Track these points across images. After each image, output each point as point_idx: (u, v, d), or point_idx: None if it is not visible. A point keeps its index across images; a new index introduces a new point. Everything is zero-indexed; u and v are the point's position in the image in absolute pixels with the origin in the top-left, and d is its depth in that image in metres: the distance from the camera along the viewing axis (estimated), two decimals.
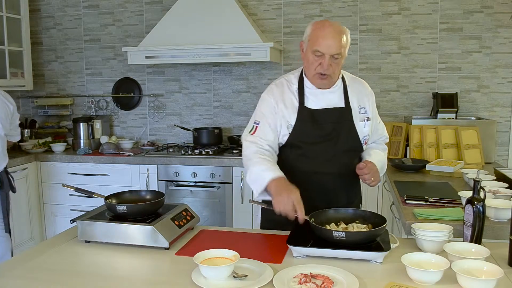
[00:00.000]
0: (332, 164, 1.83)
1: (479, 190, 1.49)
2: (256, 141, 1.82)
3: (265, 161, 1.75)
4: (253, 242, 1.69)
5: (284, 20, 3.76)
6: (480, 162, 3.07)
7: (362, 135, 1.87)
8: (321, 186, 1.83)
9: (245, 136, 1.88)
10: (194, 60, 3.50)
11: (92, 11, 4.14)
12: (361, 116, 1.88)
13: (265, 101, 1.87)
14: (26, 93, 4.28)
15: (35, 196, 3.69)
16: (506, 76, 3.47)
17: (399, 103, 3.65)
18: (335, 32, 1.74)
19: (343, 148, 1.84)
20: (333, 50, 1.73)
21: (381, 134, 2.04)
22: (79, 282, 1.34)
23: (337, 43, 1.73)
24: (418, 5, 3.53)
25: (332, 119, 1.83)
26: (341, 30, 1.76)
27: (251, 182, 1.77)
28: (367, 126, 1.88)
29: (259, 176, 1.72)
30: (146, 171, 3.49)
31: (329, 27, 1.75)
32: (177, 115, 4.08)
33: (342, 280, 1.27)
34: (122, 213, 1.65)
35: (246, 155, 1.83)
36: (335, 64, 1.77)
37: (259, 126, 1.85)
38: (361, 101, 1.90)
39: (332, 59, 1.75)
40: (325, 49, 1.73)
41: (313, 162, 1.82)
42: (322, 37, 1.74)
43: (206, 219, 3.41)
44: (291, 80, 1.89)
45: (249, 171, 1.77)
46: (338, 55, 1.75)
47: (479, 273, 1.25)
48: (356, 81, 1.95)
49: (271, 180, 1.67)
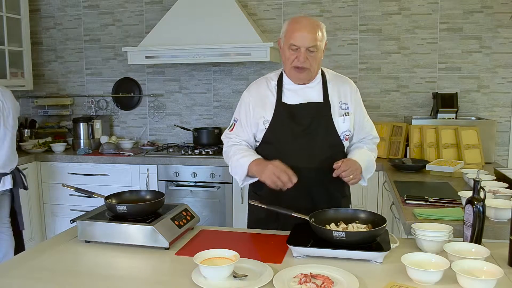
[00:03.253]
0: (310, 159, 1.82)
1: (479, 190, 1.49)
2: (233, 138, 1.94)
3: (241, 150, 1.87)
4: (253, 242, 1.69)
5: (284, 20, 3.75)
6: (480, 162, 3.07)
7: (341, 130, 1.86)
8: (300, 182, 1.80)
9: (224, 134, 2.00)
10: (194, 60, 3.50)
11: (92, 11, 4.14)
12: (341, 112, 1.87)
13: (243, 99, 1.96)
14: (26, 93, 4.28)
15: (35, 196, 3.69)
16: (506, 76, 3.47)
17: (399, 103, 3.65)
18: (310, 26, 1.77)
19: (321, 143, 1.83)
20: (308, 43, 1.76)
21: (368, 132, 2.00)
22: (79, 282, 1.34)
23: (312, 36, 1.75)
24: (418, 5, 3.53)
25: (309, 114, 1.84)
26: (316, 24, 1.79)
27: (233, 172, 1.89)
28: (346, 121, 1.87)
29: (238, 164, 1.83)
30: (146, 171, 3.49)
31: (303, 22, 1.79)
32: (177, 115, 4.09)
33: (342, 280, 1.27)
34: (122, 213, 1.65)
35: (224, 151, 1.96)
36: (312, 58, 1.79)
37: (236, 124, 1.95)
38: (343, 96, 1.90)
39: (308, 52, 1.77)
40: (300, 42, 1.76)
41: (290, 157, 1.82)
42: (297, 30, 1.77)
43: (206, 219, 3.41)
44: (271, 77, 1.94)
45: (229, 164, 1.89)
46: (313, 47, 1.77)
47: (479, 273, 1.25)
48: (339, 78, 1.96)
49: (250, 163, 1.78)
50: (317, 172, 1.82)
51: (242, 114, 1.93)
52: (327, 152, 1.84)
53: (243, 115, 1.93)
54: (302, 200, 1.81)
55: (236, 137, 1.93)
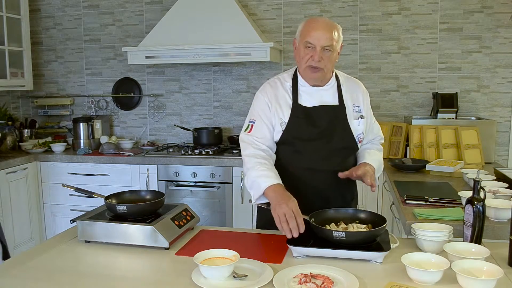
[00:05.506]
0: (325, 162, 1.82)
1: (479, 190, 1.49)
2: (253, 141, 1.82)
3: (261, 165, 1.73)
4: (253, 242, 1.69)
5: (284, 20, 3.76)
6: (480, 162, 3.07)
7: (356, 133, 1.86)
8: (315, 184, 1.82)
9: (242, 136, 1.88)
10: (194, 60, 3.50)
11: (92, 11, 4.14)
12: (355, 114, 1.87)
13: (259, 99, 1.89)
14: (26, 93, 4.28)
15: (35, 196, 3.69)
16: (506, 76, 3.47)
17: (399, 103, 3.65)
18: (326, 25, 1.75)
19: (337, 145, 1.83)
20: (324, 42, 1.73)
21: (377, 133, 2.03)
22: (79, 282, 1.34)
23: (328, 35, 1.73)
24: (418, 5, 3.53)
25: (326, 116, 1.83)
26: (333, 25, 1.77)
27: (248, 187, 1.77)
28: (361, 124, 1.88)
29: (255, 183, 1.71)
30: (146, 171, 3.49)
31: (320, 20, 1.78)
32: (177, 115, 4.08)
33: (342, 280, 1.27)
34: (122, 213, 1.65)
35: (243, 158, 1.83)
36: (327, 58, 1.76)
37: (255, 124, 1.86)
38: (355, 99, 1.90)
39: (323, 51, 1.75)
40: (316, 40, 1.74)
41: (306, 159, 1.82)
42: (313, 28, 1.75)
43: (206, 219, 3.41)
44: (285, 78, 1.91)
45: (246, 176, 1.77)
46: (329, 47, 1.74)
47: (479, 273, 1.25)
48: (351, 80, 1.96)
49: (267, 188, 1.66)
50: (332, 174, 1.81)
51: (260, 114, 1.85)
52: (342, 155, 1.85)
53: (262, 115, 1.85)
54: (317, 201, 1.78)
55: (256, 139, 1.82)
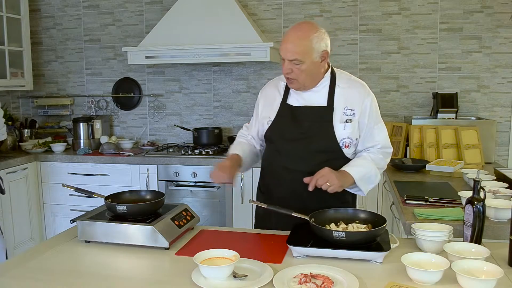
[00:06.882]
0: (304, 163, 1.80)
1: (479, 190, 1.49)
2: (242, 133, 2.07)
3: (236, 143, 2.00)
4: (253, 242, 1.69)
5: (284, 20, 3.76)
6: (480, 162, 3.07)
7: (341, 137, 1.79)
8: (292, 184, 1.80)
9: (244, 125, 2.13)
10: (194, 60, 3.50)
11: (92, 11, 4.14)
12: (343, 118, 1.80)
13: (258, 97, 2.04)
14: (26, 93, 4.28)
15: (35, 196, 3.68)
16: (506, 76, 3.47)
17: (399, 103, 3.65)
18: (296, 37, 1.72)
19: (317, 147, 1.80)
20: (289, 55, 1.72)
21: (378, 141, 1.86)
22: (79, 282, 1.34)
23: (293, 48, 1.70)
24: (418, 5, 3.53)
25: (310, 117, 1.82)
26: (305, 36, 1.70)
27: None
28: (347, 128, 1.79)
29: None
30: (146, 171, 3.49)
31: (293, 31, 1.75)
32: (177, 115, 4.08)
33: (342, 280, 1.27)
34: (122, 213, 1.65)
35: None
36: (297, 69, 1.73)
37: (251, 119, 2.06)
38: (349, 102, 1.81)
39: (291, 63, 1.73)
40: (283, 53, 1.75)
41: (285, 158, 1.83)
42: (284, 41, 1.76)
43: (206, 219, 3.41)
44: (282, 79, 1.93)
45: None
46: (296, 60, 1.71)
47: (479, 273, 1.25)
48: (353, 82, 1.87)
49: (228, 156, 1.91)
50: (309, 175, 1.73)
51: (255, 111, 2.01)
52: (323, 157, 1.79)
53: (255, 112, 2.01)
54: (293, 202, 1.76)
55: (246, 129, 2.06)
